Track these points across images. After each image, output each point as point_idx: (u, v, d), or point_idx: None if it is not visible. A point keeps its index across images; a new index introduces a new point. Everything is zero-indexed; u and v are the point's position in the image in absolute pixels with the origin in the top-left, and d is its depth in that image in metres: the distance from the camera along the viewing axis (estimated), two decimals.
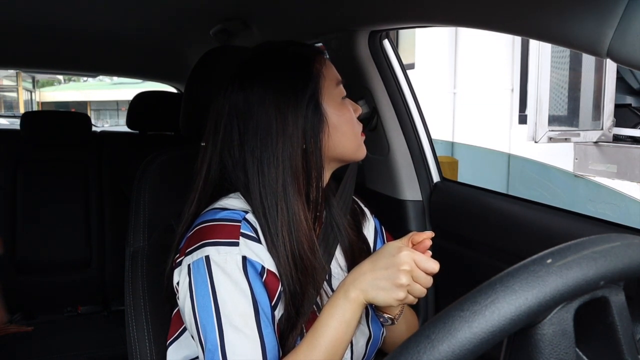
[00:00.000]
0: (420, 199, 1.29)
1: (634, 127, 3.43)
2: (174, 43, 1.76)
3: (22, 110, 12.67)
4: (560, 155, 3.72)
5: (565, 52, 3.24)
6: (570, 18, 0.66)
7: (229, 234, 0.72)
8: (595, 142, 3.40)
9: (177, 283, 0.75)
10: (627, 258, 0.38)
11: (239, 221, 0.74)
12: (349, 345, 0.82)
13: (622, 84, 3.55)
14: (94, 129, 2.32)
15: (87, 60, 2.17)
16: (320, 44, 1.37)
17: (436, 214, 1.26)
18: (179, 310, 0.80)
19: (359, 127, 0.85)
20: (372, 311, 0.88)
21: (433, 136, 1.33)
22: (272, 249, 0.75)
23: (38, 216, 2.03)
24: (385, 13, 1.11)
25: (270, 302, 0.73)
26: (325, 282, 0.82)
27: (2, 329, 1.77)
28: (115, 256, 2.10)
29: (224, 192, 0.80)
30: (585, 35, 0.64)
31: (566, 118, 3.35)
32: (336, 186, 0.93)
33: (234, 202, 0.78)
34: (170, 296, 0.82)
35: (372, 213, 1.00)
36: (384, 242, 0.99)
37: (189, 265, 0.72)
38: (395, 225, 1.27)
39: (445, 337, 0.34)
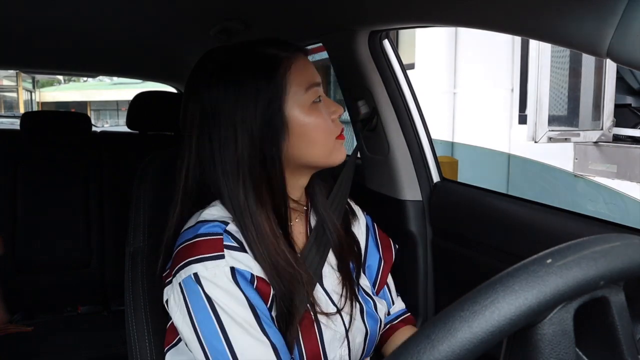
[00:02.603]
0: (420, 199, 1.29)
1: (634, 127, 3.43)
2: (174, 43, 1.76)
3: (22, 111, 12.67)
4: (560, 155, 3.72)
5: (565, 52, 3.24)
6: (570, 18, 0.66)
7: (212, 249, 0.72)
8: (595, 142, 3.40)
9: (167, 301, 0.74)
10: (627, 258, 0.38)
11: (221, 234, 0.73)
12: (346, 342, 0.83)
13: (622, 84, 3.55)
14: (94, 129, 2.32)
15: (87, 60, 2.17)
16: (319, 44, 1.37)
17: (436, 214, 1.26)
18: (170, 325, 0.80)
19: (335, 130, 0.81)
20: (367, 307, 0.88)
21: (433, 136, 1.33)
22: (256, 257, 0.74)
23: (38, 216, 2.03)
24: (385, 13, 1.11)
25: (266, 305, 0.73)
26: (317, 284, 0.83)
27: (2, 329, 1.77)
28: (115, 256, 2.10)
29: (208, 198, 0.79)
30: (585, 35, 0.64)
31: (566, 118, 3.35)
32: (330, 186, 0.92)
33: (215, 212, 0.77)
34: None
35: (363, 211, 1.00)
36: (375, 239, 0.99)
37: (180, 284, 0.71)
38: (395, 225, 1.27)
39: (445, 337, 0.34)
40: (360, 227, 0.97)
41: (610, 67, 3.29)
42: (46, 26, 1.52)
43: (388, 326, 1.00)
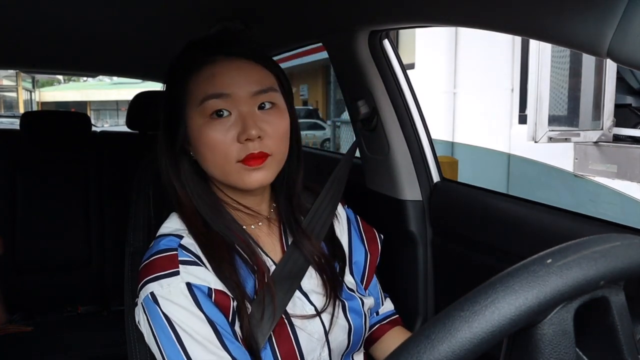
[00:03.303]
0: (420, 199, 1.29)
1: (634, 127, 3.43)
2: (174, 43, 1.75)
3: (21, 110, 12.67)
4: (560, 155, 3.72)
5: (565, 52, 3.24)
6: (570, 18, 0.66)
7: (166, 266, 0.71)
8: (595, 142, 3.40)
9: (139, 322, 0.73)
10: (627, 258, 0.38)
11: (175, 249, 0.73)
12: (325, 344, 0.81)
13: (622, 84, 3.55)
14: (93, 129, 2.32)
15: (87, 60, 2.17)
16: (319, 44, 1.37)
17: (436, 214, 1.26)
18: None
19: (240, 153, 0.72)
20: (351, 303, 0.86)
21: (433, 136, 1.33)
22: (213, 268, 0.74)
23: (38, 216, 2.03)
24: (385, 13, 1.11)
25: (227, 320, 0.72)
26: (298, 291, 0.81)
27: (2, 329, 1.77)
28: (115, 256, 2.10)
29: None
30: (585, 35, 0.64)
31: (566, 118, 3.35)
32: (318, 192, 0.91)
33: (171, 224, 0.78)
34: None
35: (343, 204, 0.98)
36: (359, 233, 0.97)
37: (142, 304, 0.71)
38: (395, 225, 1.27)
39: (445, 337, 0.34)
40: (341, 225, 0.95)
41: (610, 67, 3.29)
42: (46, 26, 1.52)
43: (377, 327, 0.98)
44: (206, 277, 0.72)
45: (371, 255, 0.97)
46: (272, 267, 0.80)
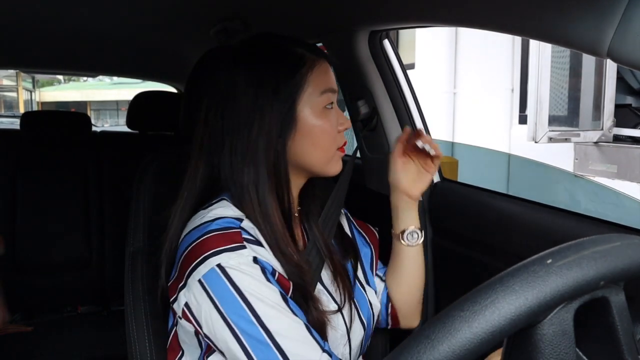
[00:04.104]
0: (420, 198, 1.28)
1: (634, 127, 3.42)
2: (174, 43, 1.76)
3: (22, 110, 12.67)
4: (560, 156, 3.72)
5: (565, 52, 3.24)
6: (570, 18, 0.66)
7: (231, 241, 0.70)
8: (596, 142, 3.40)
9: (186, 305, 0.71)
10: (627, 258, 0.38)
11: (237, 228, 0.73)
12: (348, 342, 0.83)
13: (622, 84, 3.55)
14: (93, 129, 2.32)
15: (87, 60, 2.17)
16: (319, 44, 1.37)
17: (436, 214, 1.26)
18: (176, 334, 0.79)
19: (339, 140, 0.82)
20: (362, 305, 0.88)
21: (433, 136, 1.33)
22: (273, 251, 0.74)
23: (38, 216, 2.03)
24: (385, 13, 1.11)
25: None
26: (318, 283, 0.83)
27: (2, 329, 1.76)
28: (115, 256, 2.10)
29: (213, 195, 0.79)
30: (585, 35, 0.64)
31: (566, 118, 3.34)
32: (327, 194, 0.92)
33: (222, 211, 0.76)
34: (167, 312, 0.81)
35: (358, 208, 1.02)
36: (358, 231, 1.00)
37: (199, 281, 0.69)
38: None
39: (445, 337, 0.34)
40: (345, 224, 0.98)
41: (610, 67, 3.29)
42: (46, 26, 1.52)
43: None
44: (269, 258, 0.73)
45: (374, 249, 1.00)
46: None
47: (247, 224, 0.74)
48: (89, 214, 2.11)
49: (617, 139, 3.40)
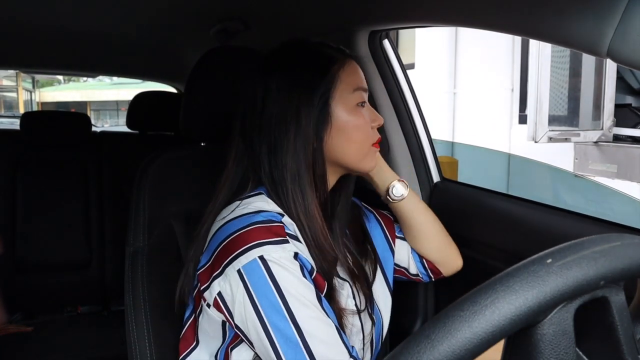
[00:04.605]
0: (420, 198, 1.29)
1: (634, 127, 3.43)
2: (174, 43, 1.76)
3: (21, 111, 12.66)
4: (560, 155, 3.72)
5: (565, 52, 3.24)
6: (570, 18, 0.66)
7: (276, 234, 0.72)
8: (596, 142, 3.40)
9: (219, 294, 0.71)
10: (627, 258, 0.38)
11: (280, 222, 0.74)
12: (369, 345, 0.86)
13: (622, 84, 3.55)
14: (94, 129, 2.32)
15: (87, 60, 2.17)
16: None
17: (436, 214, 1.26)
18: (192, 325, 0.80)
19: (373, 137, 0.85)
20: (377, 317, 0.90)
21: (433, 136, 1.33)
22: (309, 248, 0.76)
23: (38, 216, 2.03)
24: (385, 13, 1.11)
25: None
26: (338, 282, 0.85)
27: (2, 329, 1.77)
28: (115, 256, 2.10)
29: (248, 188, 0.81)
30: (585, 35, 0.64)
31: (566, 118, 3.35)
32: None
33: (266, 206, 0.78)
34: (182, 307, 0.82)
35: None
36: (376, 219, 1.01)
37: (239, 271, 0.69)
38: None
39: (445, 337, 0.34)
40: (365, 217, 0.99)
41: (610, 67, 3.29)
42: (46, 26, 1.52)
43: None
44: (308, 256, 0.75)
45: (388, 230, 1.01)
46: None
47: (287, 219, 0.76)
48: (89, 214, 2.11)
49: (617, 138, 3.40)
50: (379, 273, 0.94)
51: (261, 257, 0.69)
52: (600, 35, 0.62)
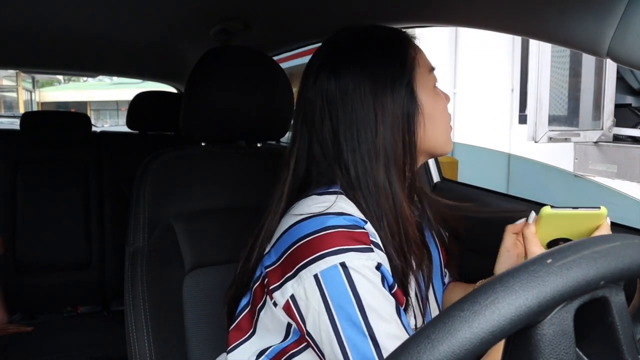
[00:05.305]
0: None
1: (634, 127, 3.43)
2: (174, 43, 1.76)
3: (21, 110, 12.66)
4: (560, 155, 3.72)
5: (565, 52, 3.24)
6: (570, 18, 0.66)
7: (359, 241, 0.65)
8: (596, 142, 3.40)
9: (292, 297, 0.66)
10: (627, 258, 0.38)
11: (364, 229, 0.67)
12: None
13: (622, 84, 3.55)
14: (94, 129, 2.32)
15: (87, 61, 2.17)
16: (319, 44, 1.37)
17: (436, 214, 1.26)
18: (249, 315, 0.75)
19: (450, 117, 0.80)
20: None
21: None
22: (393, 258, 0.69)
23: (38, 216, 2.03)
24: (386, 13, 1.11)
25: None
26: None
27: (2, 329, 1.76)
28: (115, 256, 2.10)
29: (315, 185, 0.74)
30: (585, 35, 0.64)
31: (566, 118, 3.35)
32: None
33: (348, 208, 0.69)
34: (236, 297, 0.78)
35: None
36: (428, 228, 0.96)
37: (315, 276, 0.63)
38: None
39: (445, 337, 0.34)
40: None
41: (610, 67, 3.29)
42: (46, 26, 1.52)
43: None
44: (389, 268, 0.69)
45: (441, 250, 0.96)
46: None
47: (370, 227, 0.69)
48: (89, 214, 2.11)
49: (617, 138, 3.40)
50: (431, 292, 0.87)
51: (342, 264, 0.62)
52: (600, 35, 0.62)
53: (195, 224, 1.00)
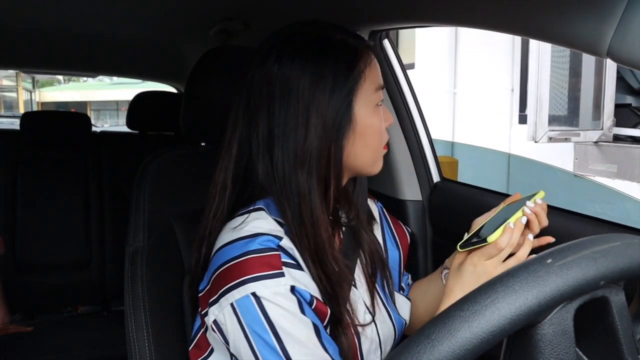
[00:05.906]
0: (420, 199, 1.29)
1: (634, 127, 3.42)
2: (174, 43, 1.76)
3: (21, 111, 12.66)
4: (560, 155, 3.72)
5: (565, 52, 3.24)
6: (570, 18, 0.66)
7: (269, 266, 0.66)
8: (596, 142, 3.40)
9: (215, 322, 0.67)
10: (627, 258, 0.38)
11: (276, 250, 0.67)
12: (379, 352, 0.80)
13: (622, 84, 3.55)
14: (94, 129, 2.32)
15: (87, 61, 2.17)
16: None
17: (436, 214, 1.26)
18: (205, 334, 0.76)
19: (385, 139, 0.77)
20: (393, 312, 0.86)
21: (433, 136, 1.33)
22: (310, 270, 0.69)
23: (38, 216, 2.03)
24: (386, 13, 1.11)
25: (323, 325, 0.70)
26: (355, 291, 0.79)
27: (2, 329, 1.76)
28: (115, 256, 2.10)
29: (248, 199, 0.73)
30: (585, 35, 0.64)
31: (566, 118, 3.34)
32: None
33: (262, 224, 0.70)
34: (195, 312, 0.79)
35: (373, 199, 0.96)
36: (391, 231, 0.95)
37: (232, 305, 0.65)
38: None
39: (445, 337, 0.34)
40: (377, 223, 0.93)
41: (610, 67, 3.29)
42: (46, 26, 1.52)
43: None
44: (307, 283, 0.69)
45: (403, 254, 0.96)
46: None
47: (286, 242, 0.69)
48: (89, 214, 2.11)
49: (617, 138, 3.40)
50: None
51: (254, 294, 0.64)
52: (600, 35, 0.62)
53: (195, 224, 1.00)
